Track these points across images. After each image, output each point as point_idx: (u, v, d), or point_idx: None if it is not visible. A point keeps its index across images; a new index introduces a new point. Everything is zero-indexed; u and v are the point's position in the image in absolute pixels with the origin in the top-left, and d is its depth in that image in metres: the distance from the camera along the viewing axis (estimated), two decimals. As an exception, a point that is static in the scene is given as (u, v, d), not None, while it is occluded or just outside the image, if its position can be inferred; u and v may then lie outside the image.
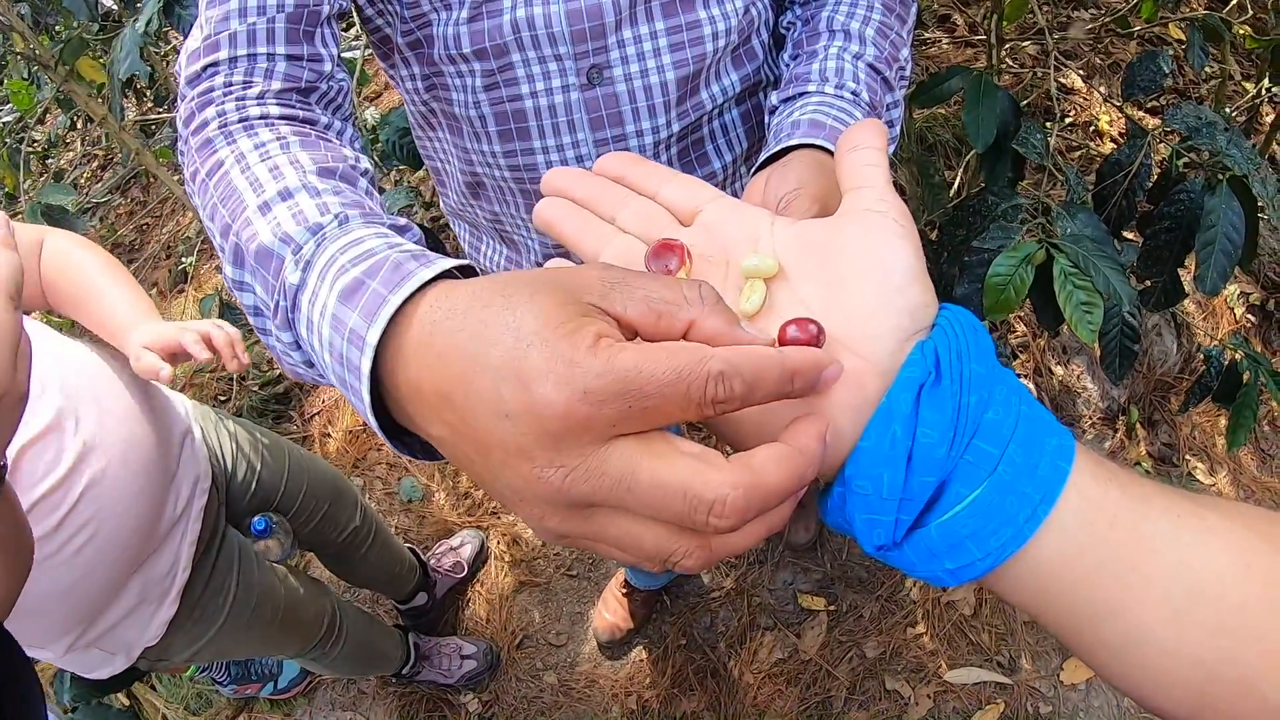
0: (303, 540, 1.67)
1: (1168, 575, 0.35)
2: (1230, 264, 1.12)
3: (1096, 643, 0.37)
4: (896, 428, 0.36)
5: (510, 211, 1.03)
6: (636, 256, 0.44)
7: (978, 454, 0.36)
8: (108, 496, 1.16)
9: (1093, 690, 1.95)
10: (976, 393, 0.37)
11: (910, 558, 0.38)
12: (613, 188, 0.49)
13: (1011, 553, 0.36)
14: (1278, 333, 2.37)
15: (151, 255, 3.39)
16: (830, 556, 2.20)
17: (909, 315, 0.39)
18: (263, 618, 1.45)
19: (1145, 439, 2.27)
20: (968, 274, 1.18)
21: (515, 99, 0.90)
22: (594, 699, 2.12)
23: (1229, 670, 0.34)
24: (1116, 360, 1.31)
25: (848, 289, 0.40)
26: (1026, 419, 0.37)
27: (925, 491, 0.36)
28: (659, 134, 0.92)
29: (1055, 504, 0.36)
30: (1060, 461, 0.37)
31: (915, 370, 0.37)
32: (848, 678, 2.04)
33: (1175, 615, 0.35)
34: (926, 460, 0.36)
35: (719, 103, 0.94)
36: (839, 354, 0.39)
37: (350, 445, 2.57)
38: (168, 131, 3.26)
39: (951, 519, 0.36)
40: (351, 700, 2.20)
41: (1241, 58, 2.71)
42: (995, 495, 0.36)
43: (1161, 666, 0.36)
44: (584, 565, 2.32)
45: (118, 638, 1.26)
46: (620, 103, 0.90)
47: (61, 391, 1.14)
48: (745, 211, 0.46)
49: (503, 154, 0.95)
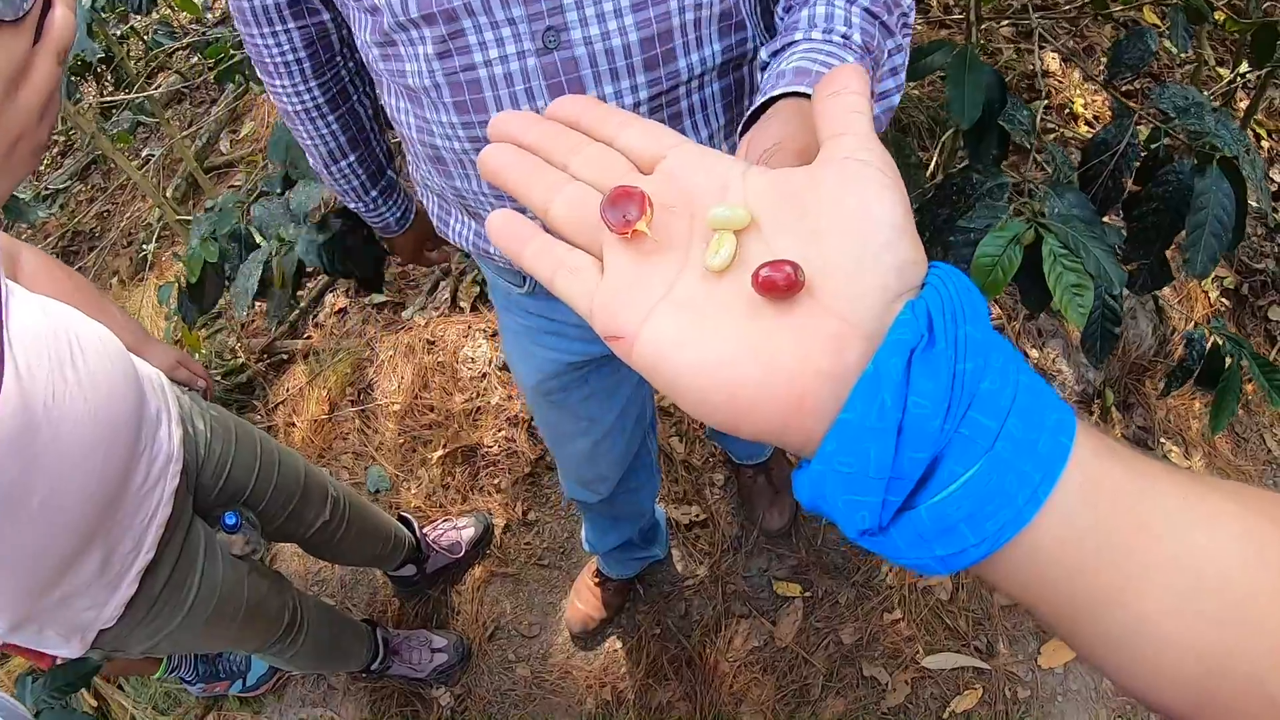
0: (270, 534, 1.63)
1: (1172, 562, 0.32)
2: (1220, 246, 1.10)
3: (1095, 635, 0.34)
4: (886, 396, 0.32)
5: (473, 188, 0.99)
6: (592, 207, 0.40)
7: (974, 427, 0.32)
8: (73, 451, 1.12)
9: (1070, 674, 1.95)
10: (972, 359, 0.33)
11: (897, 543, 0.34)
12: (566, 133, 0.44)
13: (1009, 537, 0.33)
14: (1251, 317, 2.38)
15: (112, 242, 3.31)
16: (805, 542, 2.18)
17: (896, 273, 0.35)
18: (224, 613, 1.41)
19: (1120, 422, 2.27)
20: (953, 254, 1.15)
21: (469, 68, 0.85)
22: (568, 691, 2.09)
23: (1235, 665, 0.32)
24: (1097, 343, 1.29)
25: (828, 243, 0.36)
26: (1025, 390, 0.33)
27: (917, 469, 0.32)
28: (623, 99, 0.87)
29: (1056, 484, 0.32)
30: (1061, 437, 0.33)
31: (906, 332, 0.33)
32: (824, 665, 2.02)
33: (1179, 605, 0.32)
34: (919, 433, 0.32)
35: (697, 73, 0.89)
36: (818, 317, 0.35)
37: (315, 435, 2.52)
38: (127, 115, 3.18)
39: (944, 500, 0.32)
40: (321, 696, 2.16)
41: (1216, 43, 2.71)
42: (993, 474, 0.32)
43: (1164, 660, 0.33)
44: (555, 554, 2.28)
45: (73, 616, 1.22)
46: (580, 67, 0.84)
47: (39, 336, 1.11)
48: (714, 158, 0.41)
49: (460, 125, 0.91)
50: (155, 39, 2.77)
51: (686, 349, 0.36)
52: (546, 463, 2.39)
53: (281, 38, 1.04)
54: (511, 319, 1.30)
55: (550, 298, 1.20)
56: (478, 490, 2.38)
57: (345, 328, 2.72)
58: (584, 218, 0.41)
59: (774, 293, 0.35)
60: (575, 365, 1.30)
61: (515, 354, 1.36)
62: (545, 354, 1.29)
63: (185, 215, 2.85)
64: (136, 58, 3.04)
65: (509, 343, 1.38)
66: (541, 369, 1.32)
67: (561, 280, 0.41)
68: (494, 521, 2.31)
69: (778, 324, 0.35)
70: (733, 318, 0.36)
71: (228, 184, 3.18)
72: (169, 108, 3.54)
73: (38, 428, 1.08)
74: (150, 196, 2.72)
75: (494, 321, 2.57)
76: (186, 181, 3.20)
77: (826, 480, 0.34)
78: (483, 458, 2.41)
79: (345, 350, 2.64)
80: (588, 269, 0.40)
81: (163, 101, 3.34)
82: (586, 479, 1.59)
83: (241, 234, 1.58)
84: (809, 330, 0.35)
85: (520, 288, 1.21)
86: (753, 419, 0.35)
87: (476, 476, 2.40)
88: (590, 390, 1.36)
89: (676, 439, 2.34)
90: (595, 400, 1.39)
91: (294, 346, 2.71)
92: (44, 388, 1.10)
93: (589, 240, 0.41)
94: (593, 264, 0.41)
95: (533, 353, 1.31)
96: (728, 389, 0.35)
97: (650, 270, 0.39)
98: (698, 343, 0.36)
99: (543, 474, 2.39)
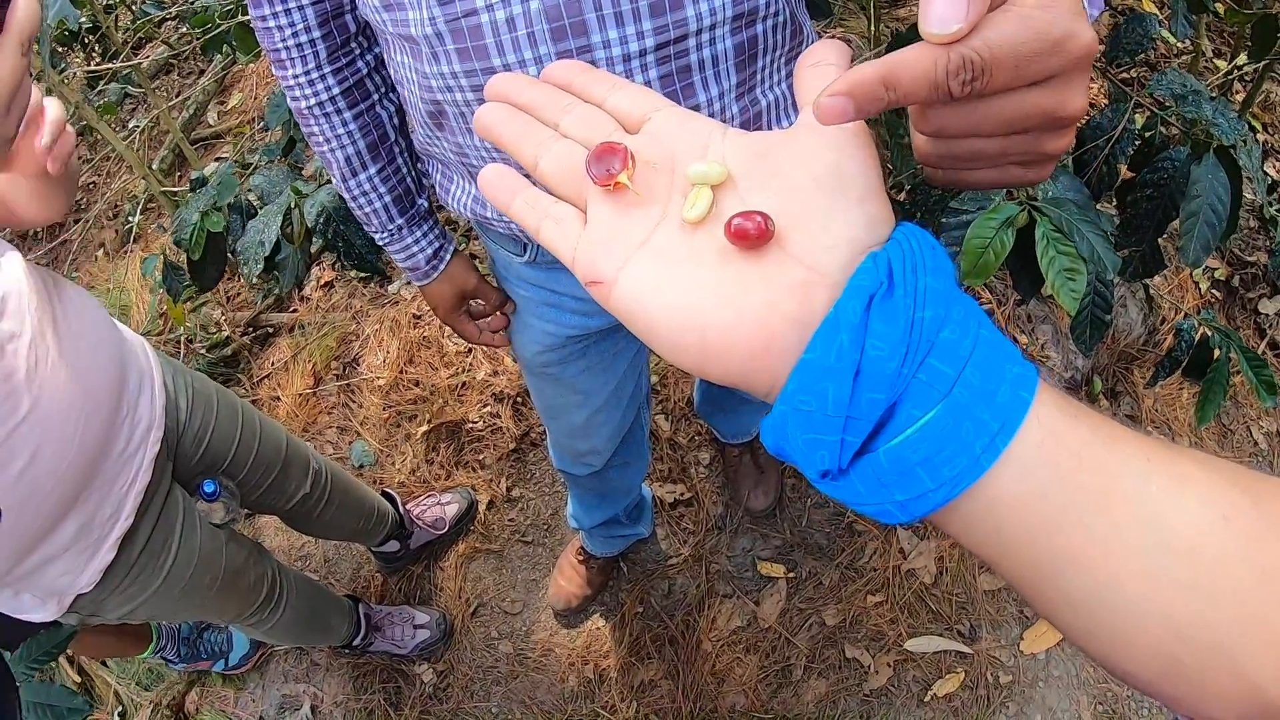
0: (250, 505, 1.62)
1: (1138, 524, 0.32)
2: (1214, 236, 1.09)
3: (1059, 596, 0.34)
4: (844, 337, 0.33)
5: (473, 142, 0.98)
6: (578, 162, 0.43)
7: (932, 373, 0.33)
8: (53, 420, 1.11)
9: (1053, 659, 1.96)
10: (932, 308, 0.34)
11: (857, 486, 0.35)
12: (558, 94, 0.47)
13: (967, 484, 0.33)
14: (1241, 309, 2.38)
15: (98, 214, 3.27)
16: (790, 523, 2.18)
17: (865, 227, 0.37)
18: (201, 582, 1.41)
19: (1108, 410, 2.27)
20: (944, 236, 1.14)
21: (470, 13, 0.84)
22: (550, 668, 2.09)
23: (1201, 633, 0.32)
24: (1088, 330, 1.28)
25: (801, 199, 0.38)
26: (985, 343, 0.34)
27: (874, 410, 0.33)
28: (628, 45, 0.85)
29: (1015, 435, 0.33)
30: (1021, 391, 0.34)
31: (866, 279, 0.34)
32: (807, 646, 2.02)
33: (1145, 569, 0.32)
34: (875, 375, 0.33)
35: (706, 24, 0.87)
36: (788, 266, 0.37)
37: (300, 409, 2.50)
38: (114, 86, 3.13)
39: (902, 443, 0.33)
40: (304, 672, 2.15)
41: (1213, 34, 2.70)
42: (950, 419, 0.33)
43: (1128, 625, 0.33)
44: (539, 531, 2.28)
45: (49, 580, 1.21)
46: (584, 10, 0.83)
47: (21, 304, 1.10)
48: (695, 120, 0.44)
49: (463, 73, 0.89)
50: (143, 9, 2.72)
51: (662, 294, 0.39)
52: (531, 439, 2.38)
53: (295, 15, 1.00)
54: (510, 290, 1.29)
55: (550, 268, 1.18)
56: (462, 466, 2.37)
57: (331, 302, 2.70)
58: (570, 172, 0.43)
59: (745, 241, 0.37)
60: (574, 338, 1.29)
61: (514, 325, 1.35)
62: (543, 326, 1.28)
63: (171, 187, 2.82)
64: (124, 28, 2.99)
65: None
66: (540, 341, 1.31)
67: (547, 229, 0.43)
68: (478, 498, 2.31)
69: (748, 271, 0.37)
70: (706, 266, 0.39)
71: (214, 156, 3.15)
72: (156, 79, 3.50)
73: (19, 396, 1.07)
74: (136, 169, 2.68)
75: (482, 298, 2.55)
76: (173, 153, 3.16)
77: (789, 420, 0.35)
78: (467, 433, 2.40)
79: (331, 324, 2.62)
80: (572, 219, 0.43)
81: (150, 72, 3.30)
82: (579, 452, 1.58)
83: (243, 205, 1.55)
84: (778, 278, 0.37)
85: (520, 257, 1.19)
86: (723, 360, 0.37)
87: (461, 452, 2.38)
88: (588, 364, 1.35)
89: (663, 417, 2.33)
90: (592, 373, 1.38)
91: (279, 320, 2.69)
92: (25, 356, 1.08)
93: (574, 193, 0.43)
94: (577, 215, 0.43)
95: (531, 325, 1.30)
96: (699, 331, 0.37)
97: (630, 221, 0.41)
98: (672, 288, 0.38)
99: (527, 450, 2.38)
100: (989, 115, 0.40)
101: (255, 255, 1.42)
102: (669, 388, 2.35)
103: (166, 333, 2.69)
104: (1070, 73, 0.40)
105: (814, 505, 2.19)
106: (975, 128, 0.41)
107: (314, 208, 1.35)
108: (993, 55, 0.37)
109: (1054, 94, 0.40)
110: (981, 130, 0.41)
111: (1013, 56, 0.37)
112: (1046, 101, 0.40)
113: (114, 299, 2.89)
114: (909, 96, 0.38)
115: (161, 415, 1.33)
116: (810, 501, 2.19)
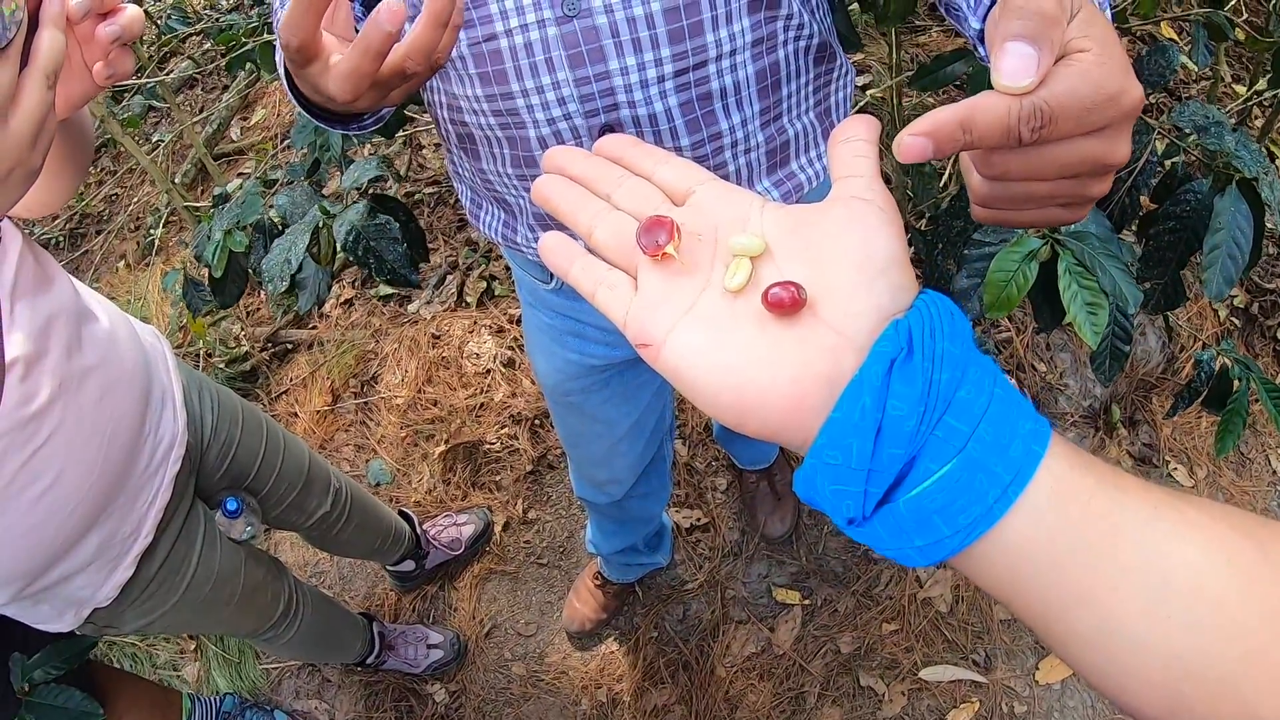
0: (270, 522, 1.63)
1: (1142, 565, 0.34)
2: (1236, 268, 1.09)
3: (1069, 633, 0.36)
4: (866, 399, 0.36)
5: (498, 168, 0.98)
6: (629, 233, 0.47)
7: (948, 430, 0.36)
8: (77, 442, 1.11)
9: (1068, 690, 1.94)
10: (949, 370, 0.37)
11: (880, 533, 0.38)
12: (610, 166, 0.51)
13: (981, 532, 0.36)
14: (1261, 337, 2.36)
15: (120, 226, 3.30)
16: (806, 550, 2.17)
17: (889, 295, 0.40)
18: (219, 598, 1.41)
19: (1126, 438, 2.26)
20: (966, 268, 1.14)
21: (491, 38, 0.85)
22: (563, 691, 2.08)
23: (1207, 669, 0.33)
24: (1107, 361, 1.28)
25: (831, 269, 0.41)
26: (1000, 400, 0.37)
27: (894, 464, 0.36)
28: (645, 72, 0.85)
29: (1027, 486, 0.36)
30: (1034, 445, 0.36)
31: (887, 345, 0.37)
32: (821, 673, 2.01)
33: (1149, 607, 0.34)
34: (895, 432, 0.36)
35: (726, 50, 0.86)
36: (819, 331, 0.40)
37: (318, 426, 2.51)
38: (138, 99, 3.17)
39: (920, 494, 0.36)
40: (316, 689, 2.15)
41: (1232, 59, 2.69)
42: (964, 472, 0.36)
43: (1135, 661, 0.35)
44: (554, 554, 2.28)
45: (68, 593, 1.21)
46: (600, 36, 0.83)
47: (46, 323, 1.10)
48: (736, 194, 0.48)
49: (484, 97, 0.90)
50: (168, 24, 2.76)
51: (705, 356, 0.42)
52: (548, 461, 2.38)
53: None
54: (536, 316, 1.29)
55: (575, 296, 1.19)
56: (478, 487, 2.37)
57: (350, 319, 2.71)
58: (622, 242, 0.47)
59: (780, 309, 0.41)
60: (597, 368, 1.29)
61: (537, 351, 1.35)
62: (567, 355, 1.28)
63: (193, 202, 2.85)
64: (149, 42, 3.03)
65: (531, 339, 1.36)
66: (562, 370, 1.31)
67: (602, 294, 0.47)
68: (494, 519, 2.31)
69: (783, 336, 0.41)
70: (745, 330, 0.42)
71: (236, 171, 3.17)
72: (180, 93, 3.53)
73: (43, 418, 1.07)
74: (159, 182, 2.71)
75: (499, 318, 2.56)
76: (195, 167, 3.19)
77: (818, 473, 0.38)
78: (484, 454, 2.40)
79: (350, 342, 2.63)
80: (624, 285, 0.47)
81: (174, 87, 3.34)
82: (599, 480, 1.58)
83: (266, 224, 1.56)
84: (810, 342, 0.40)
85: (547, 284, 1.20)
86: (759, 416, 0.40)
87: (478, 473, 2.39)
88: (610, 394, 1.35)
89: (680, 442, 2.33)
90: (614, 404, 1.38)
91: (299, 336, 2.71)
92: (50, 377, 1.09)
93: (626, 261, 0.47)
94: (628, 281, 0.47)
95: (555, 352, 1.30)
96: (738, 390, 0.41)
97: (677, 288, 0.45)
98: (714, 351, 0.42)
99: (544, 472, 2.38)
100: (1048, 161, 0.45)
101: (281, 274, 1.43)
102: (687, 413, 2.35)
103: (186, 346, 2.71)
104: (1120, 125, 0.45)
105: (830, 533, 2.18)
106: (1035, 172, 0.46)
107: (343, 227, 1.36)
108: (1060, 105, 0.42)
109: (1104, 143, 0.45)
110: (1040, 175, 0.46)
111: (1076, 108, 0.43)
112: (1098, 149, 0.45)
113: (134, 311, 2.91)
114: (983, 140, 0.43)
115: (184, 434, 1.34)
116: (827, 529, 2.18)
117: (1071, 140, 0.44)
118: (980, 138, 0.42)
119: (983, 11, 0.73)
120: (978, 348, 0.40)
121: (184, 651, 2.24)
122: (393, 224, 1.35)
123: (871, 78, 2.66)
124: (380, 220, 1.35)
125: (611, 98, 0.87)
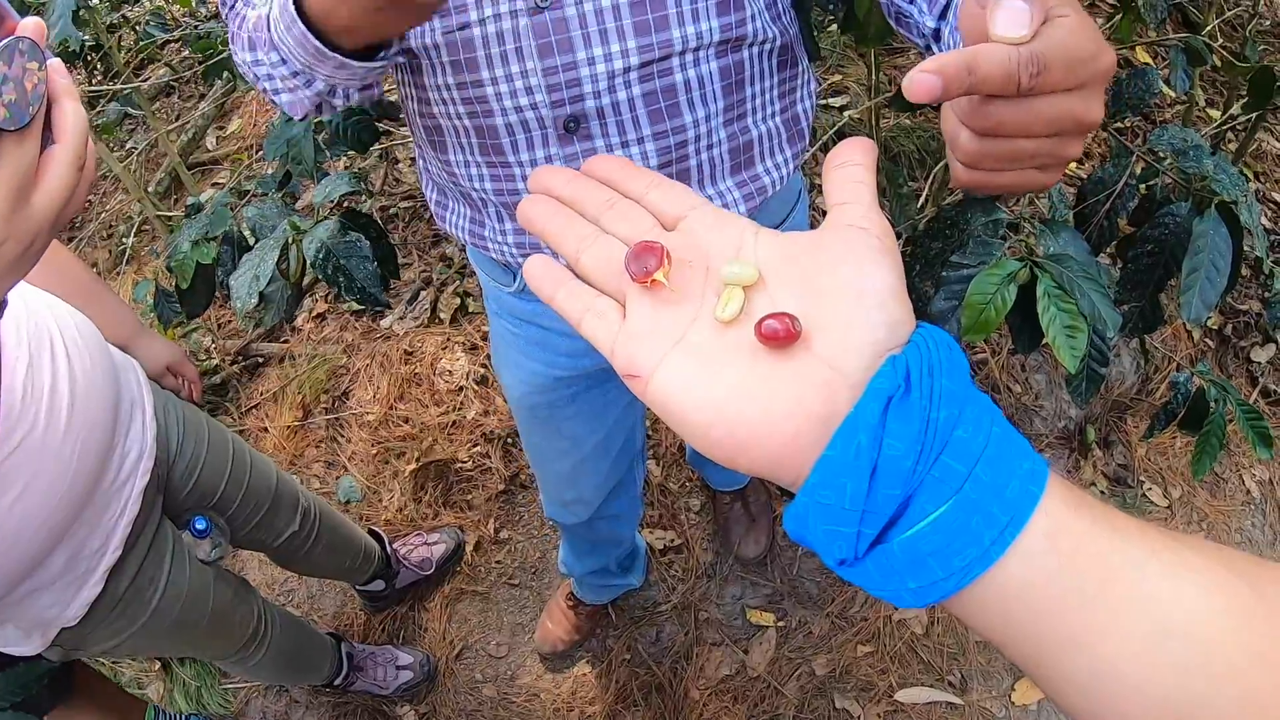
0: (238, 542, 1.59)
1: (1136, 608, 0.34)
2: (1215, 291, 1.09)
3: (1062, 677, 0.36)
4: (862, 437, 0.35)
5: (466, 157, 0.99)
6: (617, 258, 0.45)
7: (944, 470, 0.35)
8: (49, 450, 1.09)
9: (1044, 711, 1.93)
10: (946, 409, 0.36)
11: (872, 574, 0.37)
12: (599, 189, 0.49)
13: (976, 574, 0.35)
14: (1234, 358, 2.38)
15: (92, 234, 3.25)
16: (780, 571, 2.15)
17: (886, 330, 0.39)
18: (188, 619, 1.38)
19: (1101, 460, 2.26)
20: (944, 290, 1.13)
21: (464, 26, 0.87)
22: (535, 713, 2.05)
23: (1202, 713, 0.33)
24: (1084, 383, 1.27)
25: (826, 302, 0.40)
26: (998, 440, 0.36)
27: (889, 505, 0.35)
28: (612, 62, 0.87)
29: (1023, 528, 0.35)
30: (1031, 486, 0.35)
31: (884, 382, 0.36)
32: (796, 695, 1.99)
33: (1143, 650, 0.33)
34: (891, 472, 0.35)
35: (691, 46, 0.89)
36: (813, 366, 0.39)
37: (288, 441, 2.47)
38: (115, 107, 3.12)
39: (914, 535, 0.35)
40: (284, 710, 2.11)
41: (1205, 83, 2.71)
42: (960, 514, 0.35)
43: (1129, 705, 0.34)
44: (526, 574, 2.25)
45: (35, 613, 1.18)
46: (570, 27, 0.85)
47: (15, 330, 1.09)
48: (729, 220, 0.46)
49: (455, 86, 0.92)
50: (147, 30, 2.73)
51: (694, 390, 0.40)
52: (520, 481, 2.36)
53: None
54: (501, 325, 1.28)
55: (538, 300, 1.17)
56: (450, 506, 2.34)
57: (323, 334, 2.68)
58: (610, 267, 0.46)
59: (774, 342, 0.39)
60: (563, 380, 1.28)
61: (502, 362, 1.33)
62: (532, 365, 1.27)
63: (166, 211, 2.81)
64: (127, 48, 2.99)
65: (498, 352, 1.35)
66: (528, 382, 1.29)
67: (588, 322, 0.45)
68: (465, 538, 2.28)
69: (776, 369, 0.39)
70: (737, 363, 0.40)
71: (211, 181, 3.14)
72: (156, 101, 3.49)
73: (12, 428, 1.05)
74: (132, 190, 2.67)
75: (473, 335, 2.54)
76: (170, 176, 3.15)
77: (810, 511, 0.37)
78: (456, 473, 2.37)
79: (321, 357, 2.60)
80: (611, 313, 0.45)
81: (150, 94, 3.30)
82: (566, 500, 1.56)
83: (234, 236, 1.54)
84: (804, 377, 0.39)
85: (508, 287, 1.19)
86: (751, 453, 0.39)
87: (449, 492, 2.36)
88: (576, 409, 1.34)
89: (654, 463, 2.31)
90: (580, 420, 1.36)
91: (270, 350, 2.67)
92: (20, 387, 1.07)
93: (614, 287, 0.46)
94: (616, 308, 0.45)
95: (520, 363, 1.28)
96: (729, 425, 0.39)
97: (667, 317, 0.43)
98: (705, 385, 0.40)
99: (516, 492, 2.35)
100: (1037, 113, 0.48)
101: (249, 290, 1.40)
102: (660, 433, 2.33)
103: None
104: (1095, 85, 0.50)
105: (805, 554, 2.16)
106: (1026, 126, 0.49)
107: (313, 244, 1.34)
108: (1052, 56, 0.47)
109: (1082, 101, 0.49)
110: (1030, 129, 0.49)
111: (1065, 59, 0.47)
112: (1078, 107, 0.49)
113: (103, 326, 2.85)
114: (986, 82, 0.46)
115: (153, 445, 1.31)
116: (801, 550, 2.17)
117: (1057, 95, 0.48)
118: (984, 79, 0.45)
119: (937, 10, 0.79)
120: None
121: (148, 671, 2.19)
122: (363, 242, 1.32)
123: (850, 99, 2.66)
124: (351, 238, 1.32)
125: (578, 88, 0.89)
